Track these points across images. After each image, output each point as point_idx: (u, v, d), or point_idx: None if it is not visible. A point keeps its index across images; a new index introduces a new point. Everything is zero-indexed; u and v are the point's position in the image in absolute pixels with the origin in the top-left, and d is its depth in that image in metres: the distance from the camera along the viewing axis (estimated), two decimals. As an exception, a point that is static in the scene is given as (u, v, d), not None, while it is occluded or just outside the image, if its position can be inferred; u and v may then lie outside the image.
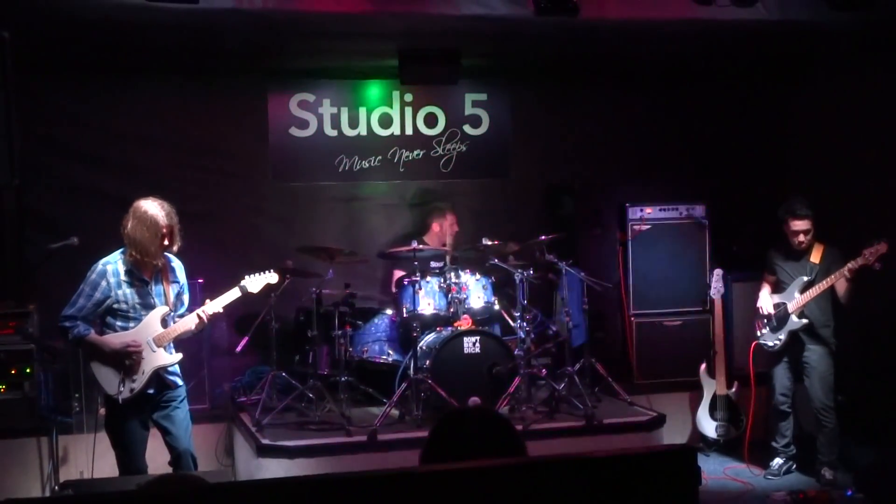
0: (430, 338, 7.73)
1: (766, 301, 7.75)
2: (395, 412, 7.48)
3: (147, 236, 5.87)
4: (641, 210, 9.03)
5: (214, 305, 6.14)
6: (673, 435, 8.17)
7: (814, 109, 9.39)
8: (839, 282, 7.34)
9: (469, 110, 9.48)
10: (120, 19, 6.78)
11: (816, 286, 7.43)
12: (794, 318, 7.56)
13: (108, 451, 6.21)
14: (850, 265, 7.19)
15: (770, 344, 7.72)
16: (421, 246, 7.93)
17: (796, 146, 9.62)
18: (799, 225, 7.48)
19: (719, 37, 8.06)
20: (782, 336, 7.63)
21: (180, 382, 6.18)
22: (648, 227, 9.02)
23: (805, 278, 7.52)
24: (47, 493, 7.28)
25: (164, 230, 5.89)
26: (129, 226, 5.90)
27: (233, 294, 6.27)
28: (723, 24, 7.31)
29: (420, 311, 7.77)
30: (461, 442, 2.79)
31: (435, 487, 2.36)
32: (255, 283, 6.44)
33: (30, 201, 8.33)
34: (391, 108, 9.29)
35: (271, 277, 6.52)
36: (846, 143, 8.91)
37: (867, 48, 8.43)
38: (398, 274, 8.56)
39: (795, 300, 7.53)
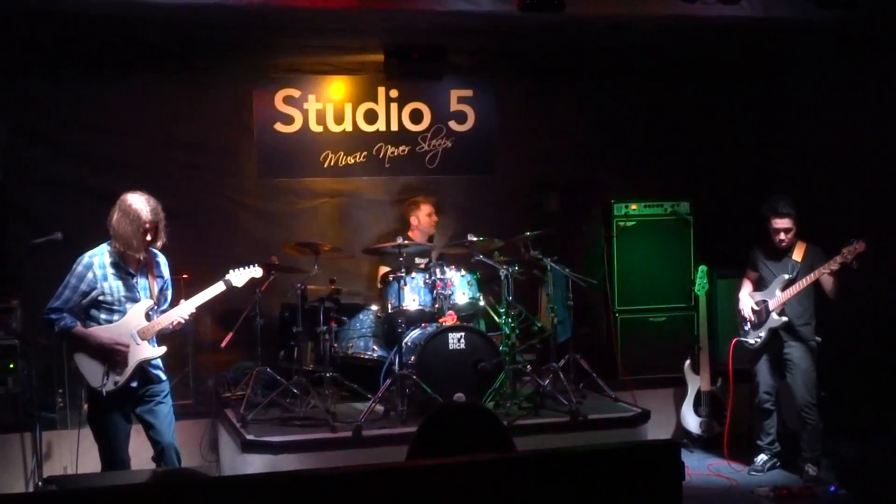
0: (414, 334, 7.72)
1: (746, 302, 7.76)
2: (379, 408, 7.47)
3: (129, 230, 5.85)
4: (626, 206, 9.04)
5: (199, 299, 6.14)
6: (657, 431, 8.17)
7: (798, 107, 9.41)
8: (825, 279, 7.36)
9: (455, 106, 9.47)
10: (104, 14, 6.75)
11: (797, 284, 7.46)
12: (774, 315, 7.57)
13: (92, 447, 6.19)
14: (829, 264, 7.24)
15: (751, 341, 7.73)
16: (406, 241, 7.92)
17: (781, 143, 9.64)
18: (780, 223, 7.50)
19: (704, 34, 8.07)
20: (763, 333, 7.64)
21: (164, 377, 6.18)
22: (633, 223, 9.03)
23: (787, 276, 7.53)
24: (30, 489, 7.25)
25: (147, 225, 5.87)
26: (114, 218, 5.90)
27: (217, 288, 6.27)
28: (708, 20, 7.32)
29: (405, 307, 7.76)
30: (449, 437, 2.79)
31: (419, 483, 2.36)
32: (240, 277, 6.45)
33: (13, 196, 8.30)
34: (376, 103, 9.26)
35: (256, 272, 6.54)
36: (830, 140, 8.93)
37: (851, 46, 8.45)
38: (383, 270, 8.55)
39: (777, 297, 7.55)
